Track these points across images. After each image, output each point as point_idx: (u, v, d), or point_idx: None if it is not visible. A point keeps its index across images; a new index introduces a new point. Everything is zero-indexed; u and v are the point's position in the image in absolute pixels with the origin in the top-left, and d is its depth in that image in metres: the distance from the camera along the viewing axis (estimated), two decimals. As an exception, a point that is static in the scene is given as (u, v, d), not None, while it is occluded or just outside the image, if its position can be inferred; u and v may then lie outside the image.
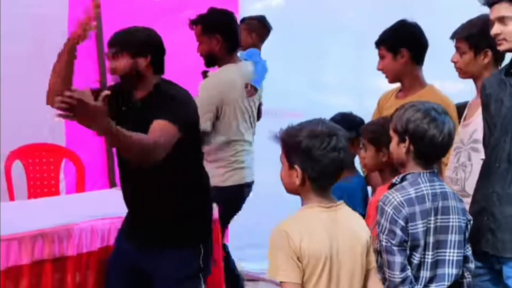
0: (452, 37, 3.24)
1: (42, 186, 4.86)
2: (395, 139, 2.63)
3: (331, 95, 5.54)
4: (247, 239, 5.27)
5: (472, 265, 2.66)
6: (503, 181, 2.71)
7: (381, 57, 3.63)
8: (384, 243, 2.51)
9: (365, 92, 5.39)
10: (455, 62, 3.23)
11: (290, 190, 2.46)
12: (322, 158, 2.35)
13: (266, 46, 4.65)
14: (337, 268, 2.37)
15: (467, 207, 2.75)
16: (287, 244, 2.31)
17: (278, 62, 5.49)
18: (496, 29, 2.71)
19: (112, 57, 3.10)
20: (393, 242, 2.50)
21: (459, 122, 3.24)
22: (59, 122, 4.21)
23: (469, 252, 2.65)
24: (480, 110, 2.95)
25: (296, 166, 2.39)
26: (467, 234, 2.64)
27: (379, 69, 3.65)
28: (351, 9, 5.28)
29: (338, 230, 2.40)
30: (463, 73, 3.24)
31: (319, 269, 2.34)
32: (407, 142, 2.58)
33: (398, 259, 2.49)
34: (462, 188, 3.01)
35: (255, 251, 4.80)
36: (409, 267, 2.52)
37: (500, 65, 3.10)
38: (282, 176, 2.46)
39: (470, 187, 2.94)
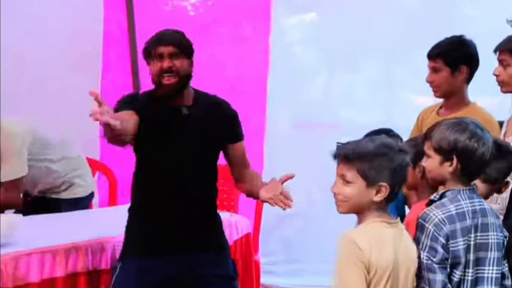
0: (495, 50, 3.20)
1: (75, 199, 4.87)
2: (436, 158, 2.57)
3: (361, 109, 5.53)
4: (282, 254, 5.25)
5: (508, 282, 2.62)
6: None
7: (436, 70, 3.53)
8: (425, 261, 2.48)
9: (396, 107, 5.39)
10: (497, 76, 3.19)
11: (356, 208, 2.44)
12: (403, 174, 2.41)
13: (300, 60, 4.64)
14: (396, 283, 2.38)
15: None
16: (355, 254, 2.32)
17: (311, 76, 5.51)
18: None
19: None
20: (434, 259, 2.46)
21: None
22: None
23: (505, 268, 2.61)
24: None
25: (383, 183, 2.38)
26: (503, 251, 2.60)
27: (428, 81, 3.57)
28: (383, 25, 5.27)
29: (401, 246, 2.42)
30: (506, 86, 3.20)
31: (384, 282, 2.35)
32: (454, 160, 2.53)
33: (439, 277, 2.45)
34: (503, 207, 2.96)
35: (291, 266, 4.79)
36: (449, 285, 2.48)
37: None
38: (349, 194, 2.41)
39: (511, 205, 2.90)
